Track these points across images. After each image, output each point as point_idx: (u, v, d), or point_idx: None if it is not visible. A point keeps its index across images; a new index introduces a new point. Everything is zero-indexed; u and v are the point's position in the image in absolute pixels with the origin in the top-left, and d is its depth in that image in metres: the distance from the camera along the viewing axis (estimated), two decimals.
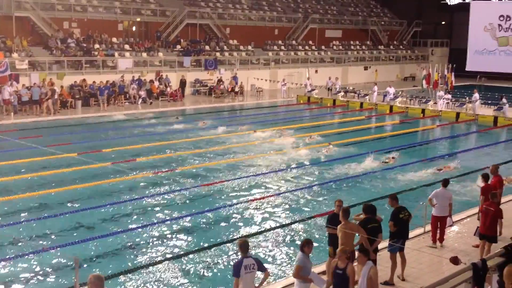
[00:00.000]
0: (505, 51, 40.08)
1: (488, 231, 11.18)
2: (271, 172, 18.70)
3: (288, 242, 12.80)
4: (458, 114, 31.57)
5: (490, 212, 11.10)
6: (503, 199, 13.63)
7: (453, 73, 37.03)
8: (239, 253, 8.54)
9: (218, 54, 41.29)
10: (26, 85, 29.96)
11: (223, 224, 13.90)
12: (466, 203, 15.36)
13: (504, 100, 31.25)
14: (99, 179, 17.21)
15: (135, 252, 12.03)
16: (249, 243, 8.89)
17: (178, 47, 40.16)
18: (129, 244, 12.44)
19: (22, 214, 14.10)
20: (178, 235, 13.04)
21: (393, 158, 20.55)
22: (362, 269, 8.37)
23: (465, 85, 43.40)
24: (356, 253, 9.85)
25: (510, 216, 13.11)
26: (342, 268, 8.22)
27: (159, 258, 11.68)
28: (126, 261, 11.57)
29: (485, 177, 12.98)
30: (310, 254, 8.81)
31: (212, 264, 11.53)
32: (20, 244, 12.30)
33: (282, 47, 47.24)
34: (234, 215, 14.52)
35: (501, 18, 40.28)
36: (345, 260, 8.26)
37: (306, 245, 8.73)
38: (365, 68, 51.43)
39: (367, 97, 36.88)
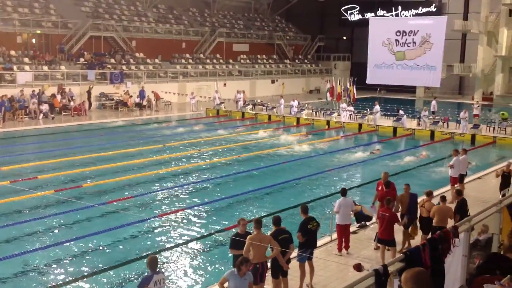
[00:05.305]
0: (402, 65, 42.20)
1: (385, 236, 11.75)
2: (179, 186, 18.55)
3: (198, 257, 12.70)
4: (360, 125, 32.94)
5: (386, 217, 11.68)
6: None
7: (354, 86, 38.61)
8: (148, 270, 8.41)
9: (124, 67, 40.49)
10: None
11: (130, 241, 13.55)
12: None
13: (401, 112, 32.97)
14: None
15: (37, 275, 11.43)
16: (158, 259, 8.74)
17: (82, 60, 38.96)
18: (31, 266, 11.80)
19: None
20: (84, 255, 12.54)
21: (377, 150, 25.63)
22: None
23: (366, 98, 45.37)
24: (269, 264, 9.97)
25: None
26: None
27: (62, 281, 11.16)
28: (27, 285, 10.96)
29: (386, 185, 13.58)
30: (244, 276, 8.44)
31: (121, 283, 11.20)
32: None
33: (190, 61, 47.17)
34: (144, 231, 14.20)
35: (398, 34, 42.46)
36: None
37: (244, 263, 8.44)
38: (272, 82, 52.44)
39: (275, 109, 37.59)
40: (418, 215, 12.94)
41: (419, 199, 13.26)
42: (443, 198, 12.55)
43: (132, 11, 46.83)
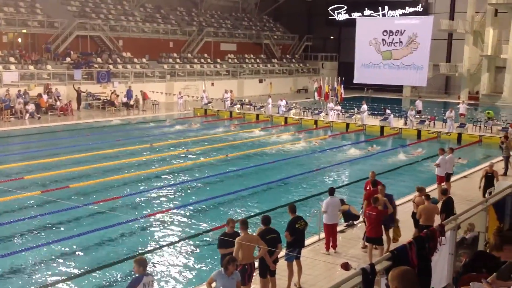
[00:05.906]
0: (388, 65, 42.42)
1: (373, 234, 11.82)
2: (167, 186, 18.49)
3: (186, 257, 12.67)
4: (348, 125, 33.05)
5: (373, 216, 11.74)
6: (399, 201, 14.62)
7: (342, 86, 38.71)
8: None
9: (111, 66, 40.28)
10: None
11: (118, 242, 13.48)
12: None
13: (388, 111, 33.13)
14: None
15: (23, 276, 11.34)
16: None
17: (68, 59, 38.70)
18: (17, 267, 11.69)
19: None
20: (71, 256, 12.45)
21: (372, 147, 26.43)
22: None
23: (353, 97, 45.53)
24: (256, 264, 9.96)
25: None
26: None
27: (49, 282, 11.08)
28: (14, 286, 10.87)
29: (373, 184, 13.63)
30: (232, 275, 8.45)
31: (110, 284, 11.15)
32: None
33: (178, 60, 47.04)
34: (132, 232, 14.13)
35: (385, 33, 42.63)
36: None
37: (231, 262, 8.43)
38: (260, 81, 52.46)
39: (262, 109, 37.62)
40: (411, 211, 13.01)
41: (411, 196, 13.34)
42: (427, 197, 12.63)
43: (119, 10, 46.61)
